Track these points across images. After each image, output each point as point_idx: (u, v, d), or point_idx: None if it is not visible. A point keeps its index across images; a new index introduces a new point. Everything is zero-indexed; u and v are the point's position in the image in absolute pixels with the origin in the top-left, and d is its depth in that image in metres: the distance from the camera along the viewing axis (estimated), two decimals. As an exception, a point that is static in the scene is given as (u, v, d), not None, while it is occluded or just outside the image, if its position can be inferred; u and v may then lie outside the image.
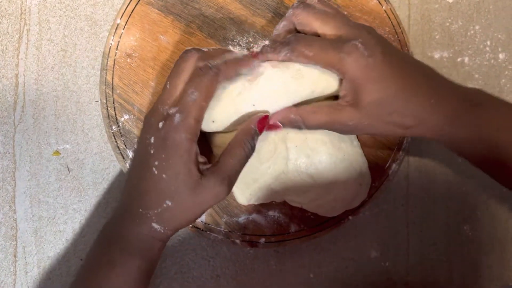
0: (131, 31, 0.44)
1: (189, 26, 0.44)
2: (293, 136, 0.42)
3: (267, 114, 0.38)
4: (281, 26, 0.39)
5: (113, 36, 0.44)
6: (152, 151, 0.35)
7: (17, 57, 0.45)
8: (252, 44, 0.45)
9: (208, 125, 0.38)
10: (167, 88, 0.36)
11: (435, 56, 0.49)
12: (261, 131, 0.38)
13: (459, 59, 0.49)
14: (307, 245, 0.46)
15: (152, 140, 0.35)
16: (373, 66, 0.35)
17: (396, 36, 0.46)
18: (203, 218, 0.44)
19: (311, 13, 0.37)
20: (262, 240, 0.44)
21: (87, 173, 0.45)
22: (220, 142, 0.42)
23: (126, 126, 0.43)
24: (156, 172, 0.34)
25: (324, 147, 0.43)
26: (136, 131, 0.43)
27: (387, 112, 0.36)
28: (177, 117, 0.34)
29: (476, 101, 0.38)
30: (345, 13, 0.46)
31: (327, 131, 0.42)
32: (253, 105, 0.38)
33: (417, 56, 0.49)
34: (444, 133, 0.38)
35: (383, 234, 0.48)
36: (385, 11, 0.46)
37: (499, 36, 0.50)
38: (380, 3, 0.46)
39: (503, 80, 0.50)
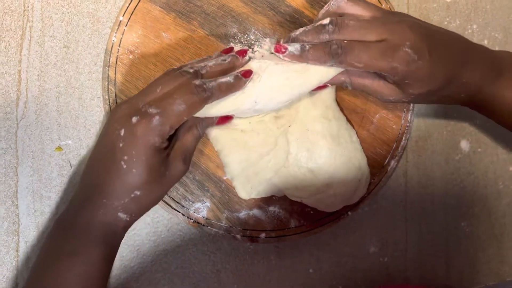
0: (134, 28, 0.44)
1: (191, 23, 0.45)
2: (294, 129, 0.43)
3: (231, 117, 0.41)
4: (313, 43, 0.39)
5: (116, 33, 0.44)
6: (121, 145, 0.35)
7: (20, 54, 0.45)
8: (253, 42, 0.45)
9: (205, 112, 0.38)
10: (156, 89, 0.36)
11: (433, 54, 0.50)
12: (217, 124, 0.41)
13: (457, 58, 0.50)
14: (306, 240, 0.47)
15: (122, 132, 0.35)
16: (423, 67, 0.37)
17: (395, 34, 0.47)
18: (204, 213, 0.44)
19: (348, 33, 0.38)
20: (263, 235, 0.45)
21: (89, 168, 0.45)
22: (217, 134, 0.43)
23: (128, 122, 0.44)
24: (124, 166, 0.35)
25: (324, 140, 0.43)
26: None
27: (428, 97, 0.40)
28: (156, 119, 0.34)
29: (501, 67, 0.41)
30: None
31: (326, 126, 0.43)
32: (255, 101, 0.39)
33: (416, 54, 0.50)
34: (480, 92, 0.41)
35: (381, 229, 0.48)
36: (384, 9, 0.47)
37: (496, 35, 0.51)
38: (380, 2, 0.47)
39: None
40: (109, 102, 0.44)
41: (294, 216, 0.45)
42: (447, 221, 0.49)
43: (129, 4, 0.44)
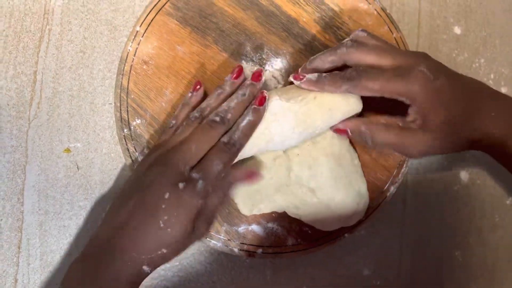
0: (150, 39, 0.45)
1: (205, 38, 0.46)
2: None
3: (257, 173, 0.41)
4: (329, 60, 0.40)
5: (132, 42, 0.45)
6: (163, 206, 0.36)
7: (37, 55, 0.46)
8: (264, 61, 0.47)
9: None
10: (192, 150, 0.38)
11: (439, 85, 0.51)
12: (241, 182, 0.41)
13: (462, 90, 0.51)
14: (302, 258, 0.47)
15: (167, 196, 0.36)
16: (440, 89, 0.37)
17: (404, 63, 0.48)
18: (204, 224, 0.45)
19: (365, 51, 0.38)
20: (260, 250, 0.46)
21: (95, 172, 0.46)
22: None
23: (138, 130, 0.45)
24: (162, 225, 0.36)
25: (326, 158, 0.44)
26: (147, 136, 0.45)
27: (457, 130, 0.38)
28: (200, 183, 0.37)
29: None
30: (357, 37, 0.47)
31: (329, 142, 0.44)
32: (267, 141, 0.41)
33: (423, 83, 0.51)
34: (505, 145, 0.39)
35: (376, 253, 0.49)
36: (395, 38, 0.48)
37: (502, 70, 0.52)
38: (391, 31, 0.48)
39: (503, 113, 0.51)
40: (120, 109, 0.45)
41: (292, 234, 0.46)
42: (441, 249, 0.50)
43: (146, 15, 0.46)
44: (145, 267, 0.37)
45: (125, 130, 0.45)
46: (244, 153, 0.41)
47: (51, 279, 0.45)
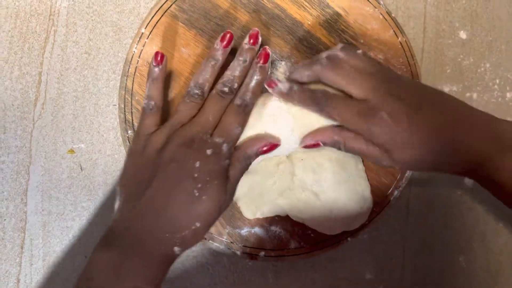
0: (154, 41, 0.45)
1: (210, 41, 0.46)
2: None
3: (278, 143, 0.41)
4: (306, 75, 0.40)
5: (137, 44, 0.45)
6: (196, 175, 0.36)
7: (42, 56, 0.46)
8: (269, 63, 0.47)
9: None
10: (210, 120, 0.39)
11: (444, 89, 0.51)
12: (261, 154, 0.41)
13: (467, 94, 0.51)
14: (304, 262, 0.47)
15: (197, 164, 0.37)
16: (401, 134, 0.37)
17: (409, 67, 0.48)
18: (207, 227, 0.45)
19: (340, 75, 0.38)
20: (262, 253, 0.46)
21: (98, 173, 0.46)
22: None
23: (141, 132, 0.45)
24: (197, 194, 0.36)
25: (330, 163, 0.44)
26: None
27: (418, 165, 0.39)
28: (225, 146, 0.38)
29: (502, 140, 0.38)
30: (362, 41, 0.47)
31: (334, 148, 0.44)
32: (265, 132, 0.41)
33: (427, 88, 0.50)
34: (466, 171, 0.39)
35: (379, 257, 0.49)
36: (400, 42, 0.48)
37: (508, 75, 0.52)
38: (396, 35, 0.48)
39: (508, 119, 0.51)
40: (125, 111, 0.45)
41: (295, 237, 0.46)
42: (444, 254, 0.50)
43: (152, 17, 0.46)
44: (176, 248, 0.36)
45: (129, 132, 0.45)
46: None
47: (53, 279, 0.46)
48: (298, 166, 0.44)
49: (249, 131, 0.41)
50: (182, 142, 0.38)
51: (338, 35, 0.47)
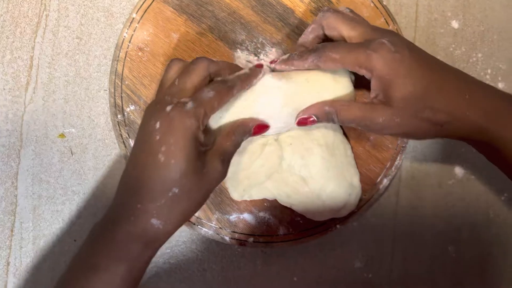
0: (145, 26, 0.45)
1: (200, 26, 0.46)
2: (288, 133, 0.44)
3: (268, 125, 0.40)
4: (310, 30, 0.41)
5: (127, 29, 0.45)
6: (157, 137, 0.34)
7: (34, 40, 0.47)
8: (259, 50, 0.47)
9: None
10: (176, 83, 0.36)
11: (436, 78, 0.51)
12: (253, 134, 0.40)
13: (459, 84, 0.51)
14: (293, 248, 0.47)
15: (157, 125, 0.34)
16: (400, 61, 0.35)
17: (400, 56, 0.48)
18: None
19: (340, 18, 0.39)
20: (251, 239, 0.46)
21: (89, 157, 0.47)
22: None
23: (131, 117, 0.45)
24: (162, 159, 0.33)
25: (319, 149, 0.44)
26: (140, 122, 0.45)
27: (419, 108, 0.36)
28: (190, 104, 0.34)
29: (510, 109, 0.37)
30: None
31: (324, 133, 0.44)
32: (256, 114, 0.40)
33: (419, 77, 0.50)
34: (484, 132, 0.37)
35: (368, 246, 0.49)
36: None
37: (500, 65, 0.52)
38: (387, 23, 0.48)
39: (500, 109, 0.51)
40: (115, 95, 0.45)
41: (284, 223, 0.46)
42: (434, 244, 0.50)
43: (143, 2, 0.46)
44: (154, 220, 0.33)
45: (119, 116, 0.45)
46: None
47: (43, 262, 0.46)
48: (286, 150, 0.44)
49: (239, 107, 0.40)
50: (153, 108, 0.36)
51: (329, 23, 0.47)
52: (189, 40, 0.46)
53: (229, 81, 0.37)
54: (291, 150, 0.44)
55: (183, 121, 0.34)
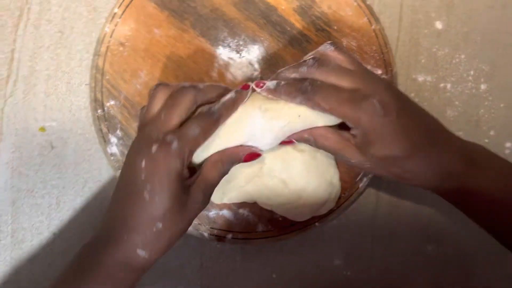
0: (127, 21, 0.45)
1: (183, 22, 0.46)
2: None
3: (260, 154, 0.40)
4: (291, 77, 0.39)
5: (109, 24, 0.45)
6: (143, 176, 0.35)
7: (15, 33, 0.46)
8: (242, 47, 0.47)
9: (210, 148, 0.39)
10: (162, 117, 0.36)
11: (418, 79, 0.51)
12: (244, 161, 0.39)
13: (441, 85, 0.51)
14: (272, 245, 0.48)
15: (143, 164, 0.35)
16: (387, 125, 0.37)
17: (382, 55, 0.48)
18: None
19: (325, 72, 0.38)
20: (229, 235, 0.46)
21: (69, 152, 0.47)
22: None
23: (111, 111, 0.45)
24: (147, 197, 0.35)
25: (300, 154, 0.44)
26: (120, 117, 0.45)
27: (389, 165, 0.38)
28: (175, 144, 0.35)
29: (472, 157, 0.39)
30: (335, 27, 0.47)
31: None
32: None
33: (401, 77, 0.51)
34: (436, 185, 0.40)
35: (348, 244, 0.49)
36: (373, 30, 0.48)
37: (483, 67, 0.52)
38: (370, 22, 0.48)
39: (481, 110, 0.51)
40: (95, 90, 0.45)
41: (263, 220, 0.46)
42: (413, 243, 0.50)
43: (126, -3, 0.46)
44: (139, 251, 0.35)
45: (99, 111, 0.45)
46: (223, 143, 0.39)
47: (22, 256, 0.46)
48: (267, 154, 0.44)
49: (221, 129, 0.39)
50: (134, 147, 0.37)
51: (312, 21, 0.47)
52: (170, 36, 0.46)
53: (215, 113, 0.37)
54: (273, 155, 0.44)
55: (168, 162, 0.35)
